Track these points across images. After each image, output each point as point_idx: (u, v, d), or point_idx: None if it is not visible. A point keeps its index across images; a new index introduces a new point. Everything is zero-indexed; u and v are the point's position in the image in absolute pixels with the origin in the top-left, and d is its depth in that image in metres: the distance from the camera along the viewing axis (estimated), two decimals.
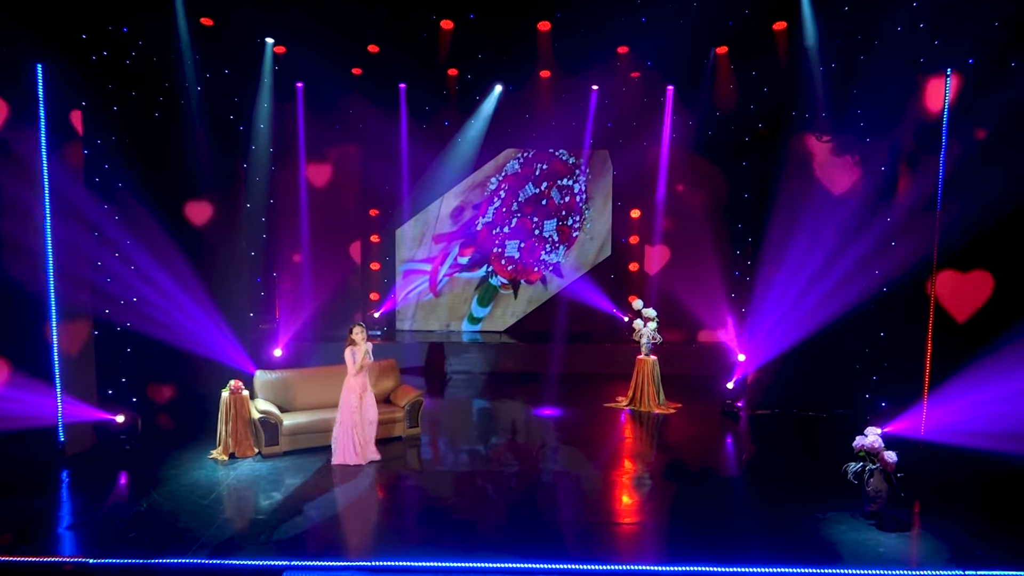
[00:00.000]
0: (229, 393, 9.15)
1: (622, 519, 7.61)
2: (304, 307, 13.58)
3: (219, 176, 11.33)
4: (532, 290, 15.15)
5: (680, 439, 10.38)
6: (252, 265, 11.97)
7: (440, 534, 7.06)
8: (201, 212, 11.34)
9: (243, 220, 11.63)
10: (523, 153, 14.99)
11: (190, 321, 10.71)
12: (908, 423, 9.07)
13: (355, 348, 8.83)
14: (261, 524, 7.24)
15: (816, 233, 10.59)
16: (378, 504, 7.98)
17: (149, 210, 10.03)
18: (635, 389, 11.68)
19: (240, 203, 11.60)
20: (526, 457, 9.45)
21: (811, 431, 10.53)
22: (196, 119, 10.76)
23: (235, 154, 11.73)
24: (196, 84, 10.64)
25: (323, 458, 9.11)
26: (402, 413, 9.94)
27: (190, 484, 8.25)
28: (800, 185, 10.83)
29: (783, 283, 10.99)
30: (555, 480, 8.62)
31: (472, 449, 9.87)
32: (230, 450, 9.09)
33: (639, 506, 7.97)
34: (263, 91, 11.76)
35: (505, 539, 6.97)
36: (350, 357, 8.81)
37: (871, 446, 7.42)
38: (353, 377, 8.87)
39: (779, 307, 11.11)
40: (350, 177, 14.43)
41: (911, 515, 7.66)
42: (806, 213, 10.62)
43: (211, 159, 11.12)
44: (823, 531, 7.21)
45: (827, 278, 10.80)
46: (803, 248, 10.89)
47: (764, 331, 11.25)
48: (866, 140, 10.52)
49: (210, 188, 11.21)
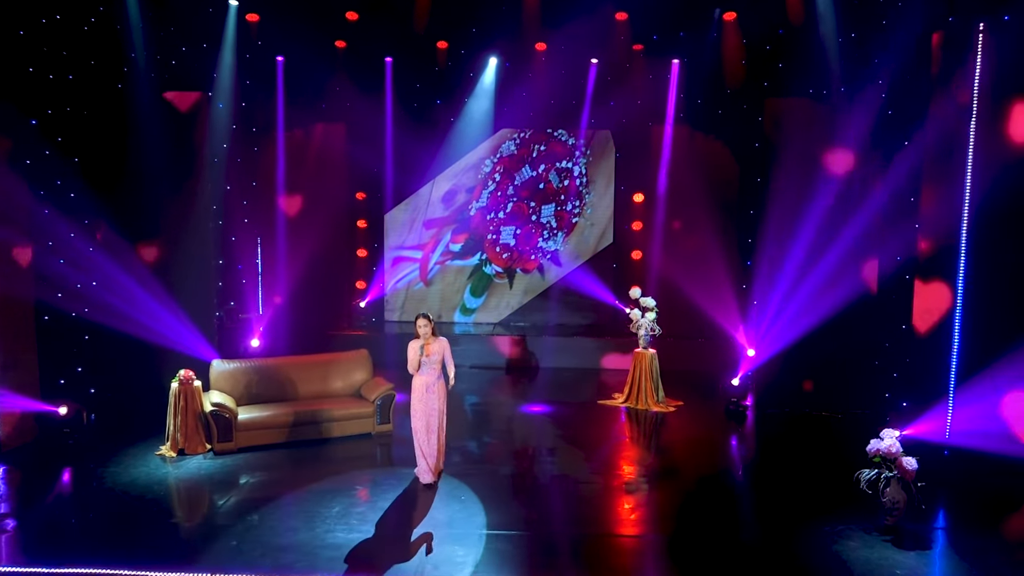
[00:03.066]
0: (178, 384, 8.37)
1: (604, 530, 6.72)
2: (286, 295, 12.80)
3: (174, 157, 10.47)
4: (528, 279, 14.26)
5: (676, 441, 9.44)
6: (215, 251, 11.07)
7: (386, 547, 6.22)
8: (152, 196, 10.51)
9: (201, 203, 10.76)
10: (519, 133, 14.09)
11: (148, 309, 9.99)
12: (931, 425, 8.07)
13: (420, 342, 7.41)
14: (185, 533, 6.48)
15: (830, 212, 9.65)
16: (322, 512, 7.10)
17: (91, 194, 9.30)
18: (632, 385, 10.75)
19: (199, 185, 10.72)
20: (501, 461, 8.57)
21: (825, 433, 9.57)
22: (146, 91, 9.95)
23: (191, 132, 10.79)
24: (144, 51, 9.82)
25: (283, 456, 8.32)
26: (371, 408, 9.11)
27: (126, 483, 7.50)
28: (810, 161, 9.89)
29: (793, 270, 10.05)
30: (528, 487, 7.74)
31: None
32: (179, 446, 8.32)
33: (622, 517, 7.07)
34: (224, 58, 10.78)
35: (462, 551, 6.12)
36: (413, 352, 7.44)
37: (887, 451, 6.48)
38: (416, 377, 7.52)
39: (790, 297, 10.18)
40: (335, 158, 13.62)
41: (933, 531, 6.71)
42: (817, 191, 9.67)
43: (165, 139, 10.28)
44: (832, 548, 6.30)
45: (842, 266, 9.86)
46: (816, 230, 9.96)
47: (773, 323, 10.30)
48: (887, 112, 9.60)
49: (164, 170, 10.35)
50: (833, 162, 9.82)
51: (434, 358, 7.41)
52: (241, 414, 8.54)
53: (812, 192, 9.80)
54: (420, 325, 7.38)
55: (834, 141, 9.99)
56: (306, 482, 7.61)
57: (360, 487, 7.56)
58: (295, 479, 7.72)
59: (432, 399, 7.44)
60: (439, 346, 7.46)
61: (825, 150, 10.00)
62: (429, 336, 7.38)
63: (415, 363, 7.41)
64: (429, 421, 7.42)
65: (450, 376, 7.58)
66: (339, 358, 9.72)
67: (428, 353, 7.35)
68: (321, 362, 9.59)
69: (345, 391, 9.44)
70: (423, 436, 7.43)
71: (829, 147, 9.96)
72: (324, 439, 8.85)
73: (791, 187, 10.04)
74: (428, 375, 7.46)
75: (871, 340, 9.84)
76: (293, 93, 12.57)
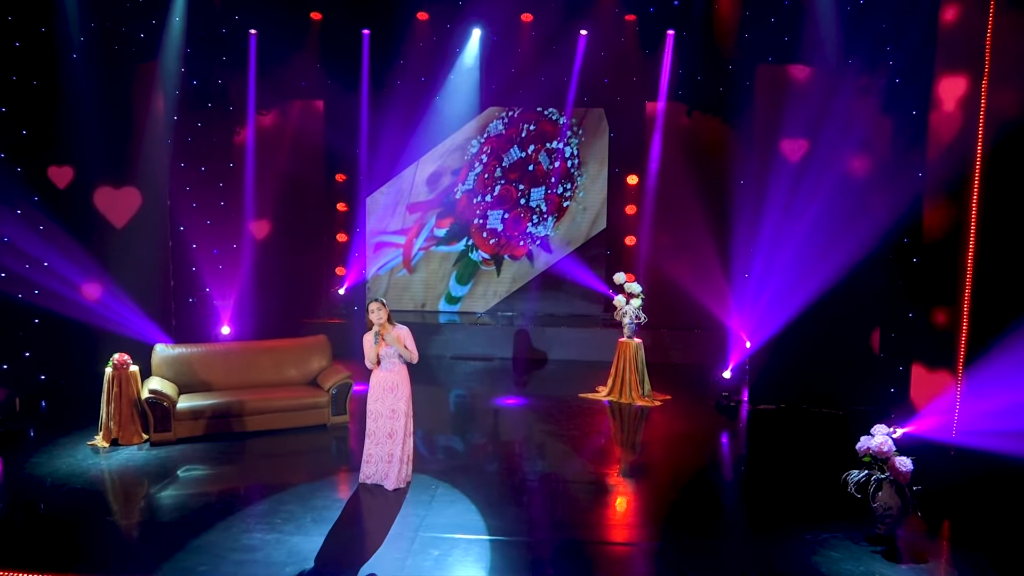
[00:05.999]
0: (112, 369, 7.76)
1: (570, 535, 5.98)
2: (257, 281, 12.15)
3: (114, 132, 9.81)
4: (517, 266, 13.50)
5: (658, 438, 8.65)
6: (163, 232, 10.39)
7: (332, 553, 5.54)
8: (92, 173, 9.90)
9: (144, 181, 10.08)
10: (507, 112, 13.34)
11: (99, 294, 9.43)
12: (936, 422, 7.22)
13: (376, 332, 6.55)
14: (87, 531, 5.87)
15: (830, 189, 8.82)
16: (248, 516, 6.42)
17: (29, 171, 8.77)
18: (615, 377, 9.97)
19: (143, 165, 10.04)
20: (461, 456, 7.87)
21: (822, 430, 8.73)
22: (80, 61, 9.30)
23: (132, 105, 10.08)
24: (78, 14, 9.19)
25: (224, 448, 7.68)
26: (327, 398, 8.44)
27: (42, 475, 6.90)
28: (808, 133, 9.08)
29: (790, 253, 9.21)
30: (488, 484, 7.01)
31: None
32: (112, 436, 7.71)
33: (580, 522, 6.31)
34: (172, 23, 10.07)
35: None
36: (367, 345, 6.63)
37: (878, 449, 5.67)
38: (375, 373, 6.70)
39: (787, 283, 9.34)
40: (312, 138, 12.98)
41: (931, 542, 5.88)
42: (815, 164, 8.85)
43: (103, 110, 9.63)
44: (811, 558, 5.50)
45: (843, 248, 9.00)
46: (816, 209, 9.13)
47: (768, 311, 9.46)
48: (895, 80, 8.74)
49: (104, 146, 9.72)
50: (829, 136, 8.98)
51: (393, 350, 6.58)
52: (181, 402, 7.91)
53: (804, 163, 9.00)
54: (372, 311, 6.48)
55: (835, 111, 9.15)
56: (245, 478, 6.98)
57: (308, 484, 6.83)
58: (231, 474, 7.11)
59: (393, 400, 6.58)
60: (397, 335, 6.59)
61: (824, 121, 9.16)
62: (384, 323, 6.59)
63: (372, 357, 6.62)
64: (393, 426, 6.57)
65: (412, 359, 6.65)
66: (296, 344, 9.07)
67: (384, 343, 6.51)
68: (275, 348, 8.94)
69: (300, 379, 8.78)
70: (380, 439, 6.59)
71: (828, 118, 9.11)
72: (274, 431, 8.19)
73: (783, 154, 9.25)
74: (389, 371, 6.60)
75: (875, 328, 9.02)
76: (265, 69, 11.92)
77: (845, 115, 8.78)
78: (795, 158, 9.31)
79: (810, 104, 9.21)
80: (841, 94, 8.94)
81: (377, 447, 6.67)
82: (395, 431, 6.62)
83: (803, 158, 9.30)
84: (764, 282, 9.55)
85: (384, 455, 6.64)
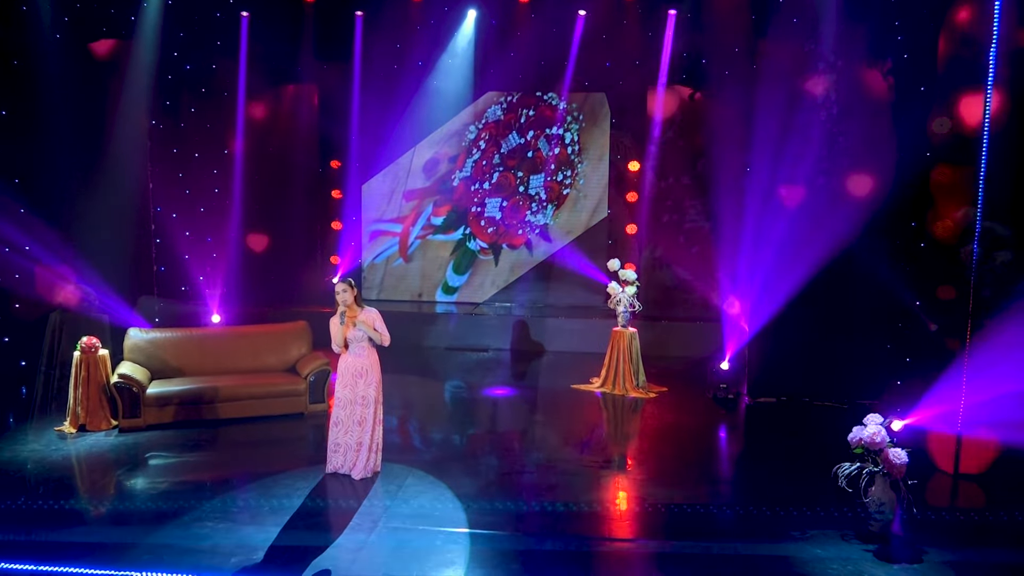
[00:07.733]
0: (80, 352, 7.53)
1: (529, 527, 5.63)
2: (249, 269, 11.93)
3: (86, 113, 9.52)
4: (516, 256, 13.14)
5: (650, 430, 8.26)
6: (144, 217, 10.12)
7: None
8: None
9: (121, 165, 9.80)
10: (506, 97, 12.97)
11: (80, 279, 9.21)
12: (940, 412, 6.75)
13: (342, 313, 6.29)
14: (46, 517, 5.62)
15: (833, 169, 8.40)
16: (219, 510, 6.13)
17: None
18: (609, 368, 9.59)
19: (110, 143, 9.76)
20: (436, 445, 7.54)
21: (824, 425, 8.24)
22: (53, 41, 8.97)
23: (107, 87, 9.78)
24: None
25: (194, 436, 7.43)
26: (304, 385, 8.16)
27: (2, 461, 6.67)
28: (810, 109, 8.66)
29: (792, 236, 8.79)
30: (461, 474, 6.67)
31: None
32: (80, 421, 7.48)
33: (550, 514, 5.96)
34: None
35: None
36: (334, 327, 6.35)
37: (871, 440, 5.26)
38: (343, 359, 6.40)
39: (788, 269, 8.90)
40: (305, 124, 12.72)
41: (928, 539, 5.43)
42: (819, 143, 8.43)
43: (75, 91, 9.34)
44: (797, 555, 5.09)
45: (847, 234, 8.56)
46: (819, 192, 8.72)
47: (768, 299, 9.03)
48: (903, 56, 8.31)
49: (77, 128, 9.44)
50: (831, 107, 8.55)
51: (361, 333, 6.28)
52: (151, 388, 7.66)
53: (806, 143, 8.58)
54: (339, 291, 6.20)
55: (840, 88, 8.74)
56: (212, 466, 6.72)
57: (276, 474, 6.54)
58: (199, 463, 6.85)
59: (363, 386, 6.29)
60: (366, 318, 6.30)
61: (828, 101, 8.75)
62: (352, 304, 6.31)
63: (340, 340, 6.31)
64: (363, 414, 6.29)
65: (383, 342, 6.34)
66: (274, 330, 8.82)
67: (351, 325, 6.23)
68: (252, 334, 8.69)
69: (279, 366, 8.50)
70: (348, 427, 6.29)
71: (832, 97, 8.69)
72: (249, 418, 7.92)
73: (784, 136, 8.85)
74: (358, 356, 6.30)
75: (881, 321, 8.57)
76: (257, 52, 11.66)
77: (849, 93, 8.35)
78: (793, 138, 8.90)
79: (815, 84, 8.82)
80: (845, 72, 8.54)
81: (346, 435, 6.37)
82: (365, 418, 6.32)
83: (807, 144, 8.87)
84: (765, 269, 9.14)
85: (353, 444, 6.34)
